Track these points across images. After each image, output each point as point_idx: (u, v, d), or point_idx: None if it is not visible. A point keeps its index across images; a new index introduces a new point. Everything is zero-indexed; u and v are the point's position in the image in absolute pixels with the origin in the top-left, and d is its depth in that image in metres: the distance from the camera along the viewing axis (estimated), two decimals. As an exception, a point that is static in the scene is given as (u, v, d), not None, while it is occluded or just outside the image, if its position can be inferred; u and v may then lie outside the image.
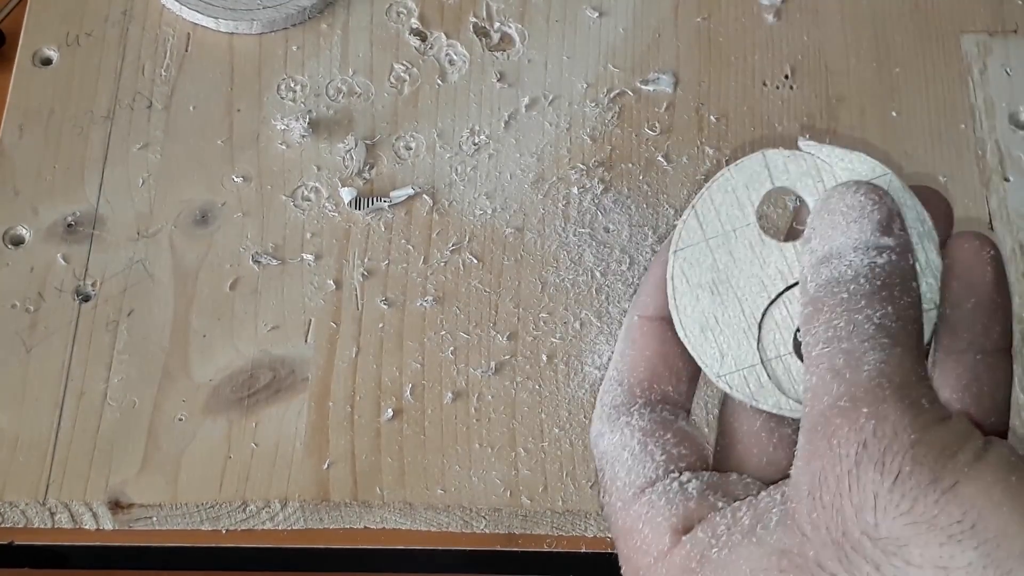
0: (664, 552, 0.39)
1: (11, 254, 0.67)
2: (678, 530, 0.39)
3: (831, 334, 0.38)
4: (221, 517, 0.61)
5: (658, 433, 0.41)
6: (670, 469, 0.40)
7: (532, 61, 0.73)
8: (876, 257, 0.39)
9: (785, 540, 0.37)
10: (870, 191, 0.40)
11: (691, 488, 0.40)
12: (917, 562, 0.34)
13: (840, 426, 0.36)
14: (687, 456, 0.41)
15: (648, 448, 0.41)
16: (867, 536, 0.35)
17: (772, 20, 0.75)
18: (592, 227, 0.67)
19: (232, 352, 0.64)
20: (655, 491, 0.40)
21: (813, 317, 0.38)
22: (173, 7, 0.74)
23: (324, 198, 0.68)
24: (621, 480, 0.41)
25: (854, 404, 0.36)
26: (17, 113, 0.71)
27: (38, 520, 0.61)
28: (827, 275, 0.39)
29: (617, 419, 0.42)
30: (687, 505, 0.39)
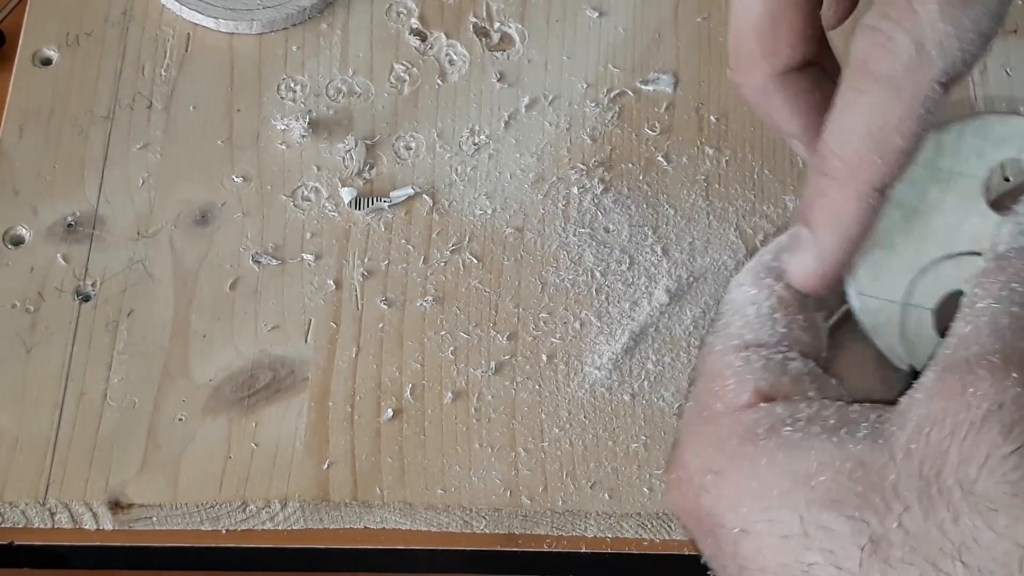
0: (738, 407, 0.39)
1: (11, 254, 0.67)
2: (761, 394, 0.39)
3: (1004, 294, 0.37)
4: (221, 517, 0.61)
5: (792, 308, 0.41)
6: (783, 343, 0.40)
7: (532, 61, 0.73)
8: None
9: (868, 454, 0.36)
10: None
11: (792, 367, 0.39)
12: (1000, 530, 0.34)
13: (983, 378, 0.35)
14: (804, 341, 0.40)
15: (775, 316, 0.41)
16: (960, 486, 0.34)
17: (772, 20, 0.75)
18: (592, 227, 0.67)
19: (232, 352, 0.64)
20: (758, 352, 0.40)
21: (992, 273, 0.38)
22: (173, 7, 0.74)
23: (324, 198, 0.68)
24: (734, 328, 0.41)
25: (1006, 364, 0.36)
26: (17, 113, 0.71)
27: (38, 520, 0.61)
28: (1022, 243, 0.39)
29: (764, 278, 0.41)
30: (781, 379, 0.39)
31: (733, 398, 0.39)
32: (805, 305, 0.41)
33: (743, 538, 0.37)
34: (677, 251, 0.67)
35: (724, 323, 0.41)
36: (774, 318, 0.40)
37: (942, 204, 0.40)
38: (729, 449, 0.38)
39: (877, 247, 0.40)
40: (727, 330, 0.41)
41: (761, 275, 0.41)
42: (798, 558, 0.36)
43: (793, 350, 0.40)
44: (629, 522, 0.61)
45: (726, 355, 0.40)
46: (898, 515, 0.35)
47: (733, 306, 0.41)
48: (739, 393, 0.39)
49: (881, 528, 0.35)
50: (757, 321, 0.40)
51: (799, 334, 0.41)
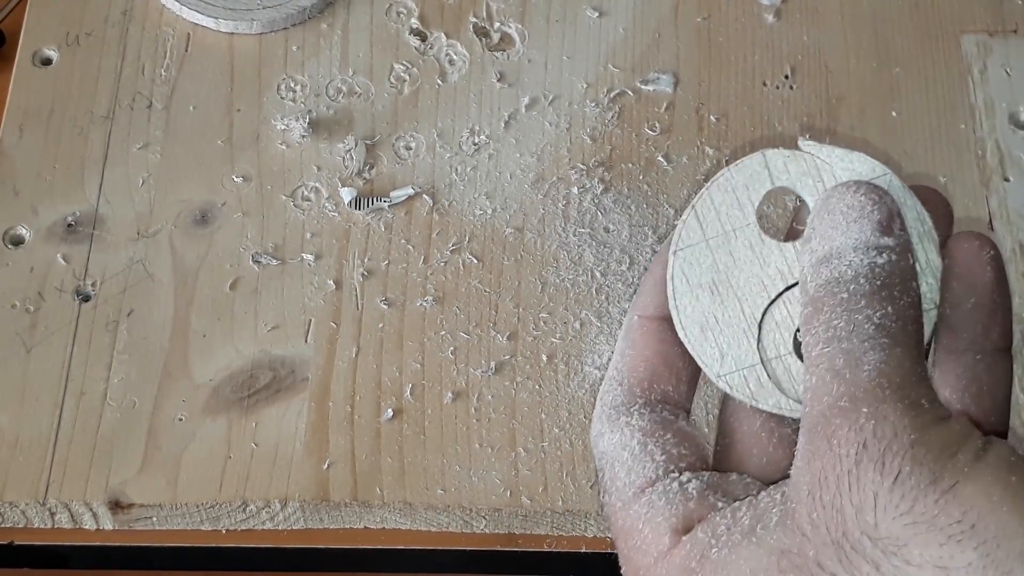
0: (664, 552, 0.39)
1: (11, 254, 0.67)
2: (678, 530, 0.39)
3: (831, 334, 0.38)
4: (221, 517, 0.61)
5: (658, 433, 0.41)
6: (670, 469, 0.40)
7: (532, 61, 0.73)
8: (876, 257, 0.39)
9: (785, 540, 0.36)
10: (870, 191, 0.40)
11: (691, 488, 0.40)
12: (917, 562, 0.34)
13: (840, 426, 0.36)
14: (687, 456, 0.41)
15: (648, 448, 0.41)
16: (867, 536, 0.35)
17: (772, 20, 0.75)
18: (592, 227, 0.67)
19: (232, 352, 0.64)
20: (655, 491, 0.40)
21: (813, 317, 0.38)
22: (173, 7, 0.74)
23: (324, 198, 0.68)
24: (621, 480, 0.41)
25: (854, 404, 0.36)
26: (17, 113, 0.71)
27: (38, 520, 0.61)
28: (827, 275, 0.39)
29: (617, 419, 0.42)
30: (687, 505, 0.39)
31: (656, 546, 0.39)
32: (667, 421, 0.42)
33: None
34: (677, 251, 0.67)
35: (609, 478, 0.41)
36: (649, 451, 0.41)
37: (736, 264, 0.41)
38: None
39: (707, 331, 0.41)
40: (616, 484, 0.41)
41: (613, 417, 0.42)
42: None
43: (681, 471, 0.40)
44: (629, 522, 0.61)
45: (629, 508, 0.40)
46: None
47: (607, 458, 0.41)
48: (658, 539, 0.39)
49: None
50: (636, 462, 0.41)
51: (678, 452, 0.41)
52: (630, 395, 0.42)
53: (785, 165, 0.41)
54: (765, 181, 0.41)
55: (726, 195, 0.41)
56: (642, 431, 0.41)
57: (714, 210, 0.41)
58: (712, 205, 0.41)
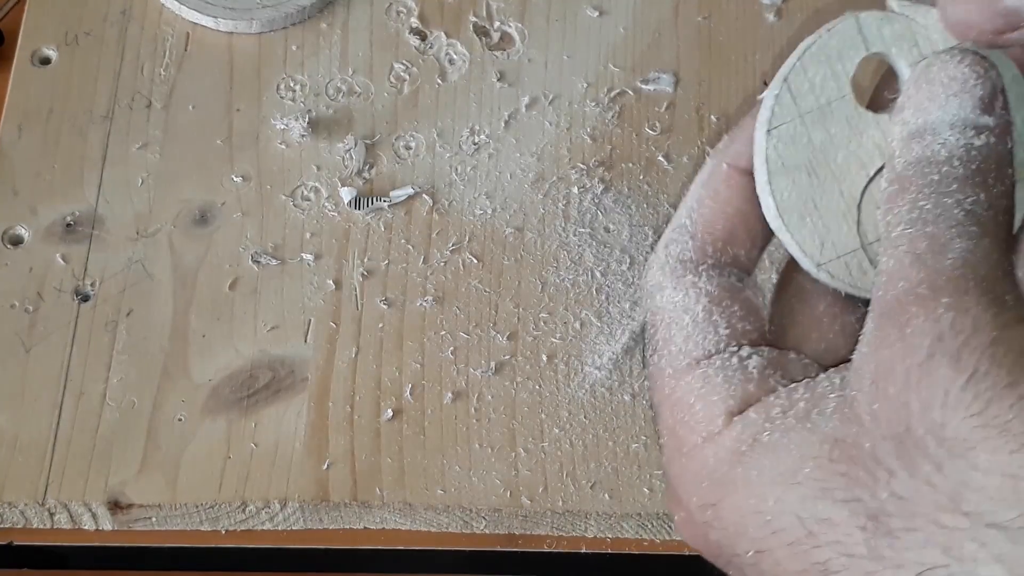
0: (714, 434, 0.36)
1: (10, 254, 0.66)
2: (732, 411, 0.36)
3: (915, 215, 0.35)
4: (221, 517, 0.61)
5: (725, 302, 0.38)
6: (731, 343, 0.37)
7: (532, 61, 0.73)
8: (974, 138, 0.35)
9: (840, 429, 0.34)
10: (976, 62, 0.36)
11: (751, 365, 0.37)
12: (983, 467, 0.31)
13: (916, 315, 0.33)
14: (750, 332, 0.38)
15: (712, 317, 0.38)
16: (931, 435, 0.32)
17: (772, 20, 0.75)
18: (592, 227, 0.67)
19: (232, 352, 0.64)
20: (712, 365, 0.37)
21: (898, 196, 0.35)
22: (172, 6, 0.74)
23: (324, 198, 0.68)
24: (676, 346, 0.38)
25: (934, 293, 0.33)
26: (16, 113, 0.71)
27: (37, 520, 0.61)
28: (918, 152, 0.36)
29: (683, 276, 0.38)
30: (745, 386, 0.37)
31: (707, 426, 0.37)
32: (735, 289, 0.39)
33: (760, 559, 0.36)
34: (677, 251, 0.67)
35: (662, 338, 0.38)
36: (713, 321, 0.38)
37: (832, 141, 0.38)
38: (720, 477, 0.36)
39: (806, 217, 0.38)
40: (669, 347, 0.38)
41: (679, 273, 0.39)
42: (811, 560, 0.34)
43: (743, 347, 0.38)
44: (629, 522, 0.61)
45: (681, 378, 0.38)
46: (885, 483, 0.33)
47: (664, 317, 0.38)
48: (711, 419, 0.37)
49: (875, 502, 0.33)
50: (697, 329, 0.38)
51: (743, 326, 0.38)
52: (701, 252, 0.39)
53: (879, 29, 0.38)
54: (859, 47, 0.38)
55: (819, 65, 0.38)
56: (709, 297, 0.38)
57: (807, 82, 0.38)
58: (805, 77, 0.38)
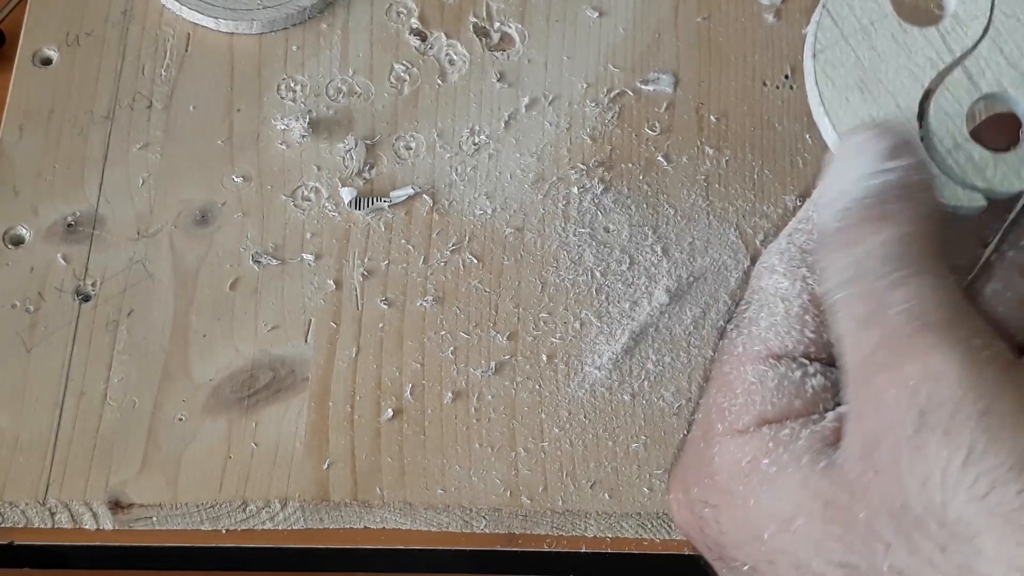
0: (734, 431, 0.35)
1: (11, 254, 0.67)
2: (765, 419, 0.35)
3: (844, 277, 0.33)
4: (221, 517, 0.61)
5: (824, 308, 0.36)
6: (808, 351, 0.36)
7: (532, 61, 0.73)
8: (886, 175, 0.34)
9: (831, 491, 0.32)
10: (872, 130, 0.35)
11: (810, 384, 0.35)
12: (989, 555, 0.29)
13: (886, 387, 0.31)
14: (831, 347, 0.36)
15: (805, 316, 0.36)
16: (931, 515, 0.30)
17: (772, 20, 0.75)
18: (592, 227, 0.67)
19: (232, 352, 0.64)
20: (776, 367, 0.35)
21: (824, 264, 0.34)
22: (173, 7, 0.74)
23: (324, 198, 0.68)
24: (758, 329, 0.36)
25: (895, 358, 0.31)
26: (17, 113, 0.71)
27: (38, 520, 0.61)
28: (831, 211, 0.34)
29: (798, 267, 0.37)
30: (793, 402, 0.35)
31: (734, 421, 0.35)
32: None
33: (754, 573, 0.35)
34: (677, 251, 0.67)
35: (750, 317, 0.37)
36: (804, 320, 0.36)
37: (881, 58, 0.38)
38: (721, 483, 0.35)
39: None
40: (751, 328, 0.36)
41: (796, 262, 0.37)
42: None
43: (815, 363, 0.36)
44: (629, 522, 0.61)
45: (744, 364, 0.36)
46: (883, 555, 0.31)
47: (762, 296, 0.37)
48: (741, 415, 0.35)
49: (873, 571, 0.32)
50: (785, 323, 0.36)
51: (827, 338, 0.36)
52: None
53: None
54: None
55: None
56: (811, 296, 0.36)
57: (847, 5, 0.38)
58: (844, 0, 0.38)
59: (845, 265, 0.33)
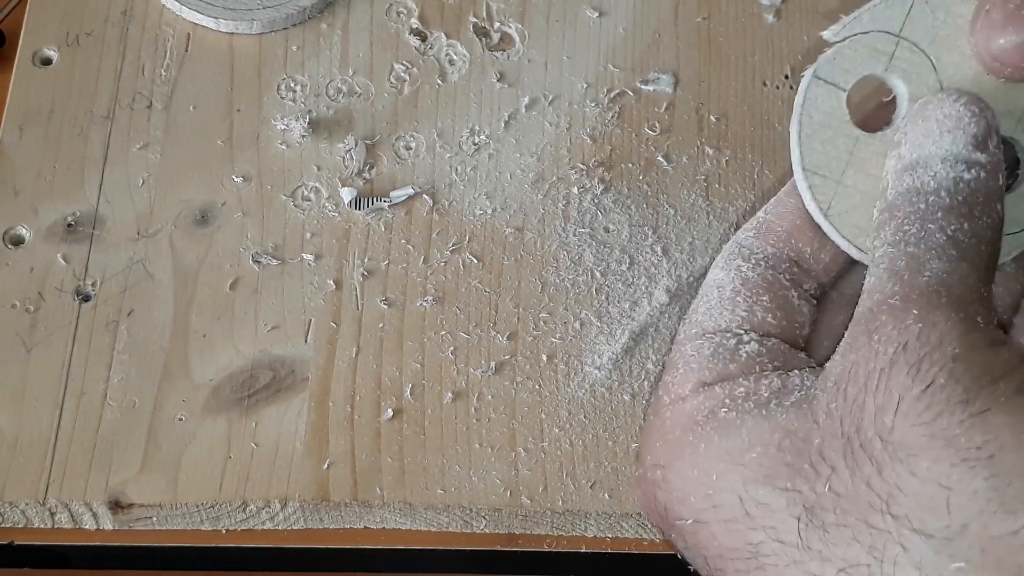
0: (680, 397, 0.38)
1: (11, 254, 0.67)
2: (705, 383, 0.38)
3: (899, 237, 0.36)
4: (221, 517, 0.61)
5: (757, 290, 0.40)
6: (743, 326, 0.39)
7: (532, 61, 0.73)
8: (964, 172, 0.37)
9: (794, 422, 0.35)
10: (972, 101, 0.37)
11: (743, 350, 0.38)
12: (922, 475, 0.32)
13: (885, 323, 0.34)
14: (770, 324, 0.39)
15: (736, 299, 0.39)
16: (879, 437, 0.33)
17: (772, 20, 0.75)
18: (592, 227, 0.67)
19: (232, 352, 0.64)
20: (711, 339, 0.39)
21: (886, 223, 0.37)
22: (173, 7, 0.74)
23: (324, 198, 0.68)
24: (697, 315, 0.40)
25: (905, 304, 0.34)
26: (17, 113, 0.71)
27: (38, 520, 0.61)
28: (908, 184, 0.37)
29: (733, 259, 0.40)
30: (728, 365, 0.38)
31: (678, 389, 0.38)
32: (774, 283, 0.40)
33: (697, 528, 0.37)
34: (677, 251, 0.67)
35: (692, 309, 0.40)
36: (735, 301, 0.40)
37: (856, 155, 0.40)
38: (672, 440, 0.37)
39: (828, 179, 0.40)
40: (692, 317, 0.40)
41: (733, 255, 0.40)
42: (745, 539, 0.35)
43: (752, 332, 0.39)
44: (629, 522, 0.61)
45: (684, 344, 0.39)
46: (826, 478, 0.34)
47: (703, 291, 0.41)
48: (683, 384, 0.38)
49: (813, 495, 0.34)
50: (719, 305, 0.40)
51: (761, 315, 0.39)
52: (761, 240, 0.40)
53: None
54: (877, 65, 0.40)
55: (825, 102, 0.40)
56: (742, 280, 0.40)
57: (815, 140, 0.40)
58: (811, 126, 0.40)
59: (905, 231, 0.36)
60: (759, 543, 0.35)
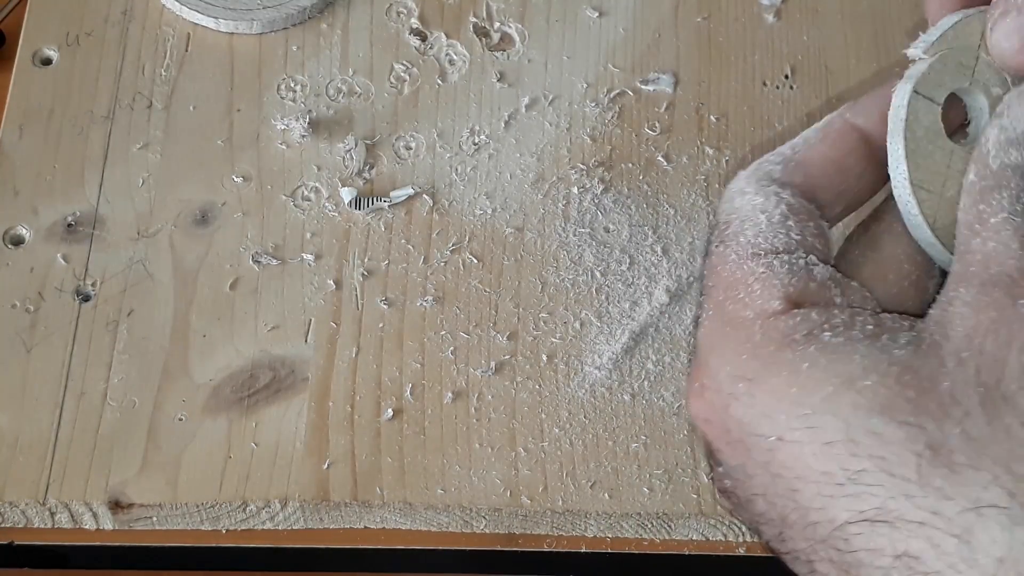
0: (769, 313, 0.38)
1: (11, 254, 0.67)
2: (791, 300, 0.38)
3: (1019, 208, 0.37)
4: (221, 517, 0.61)
5: (803, 216, 0.40)
6: (800, 249, 0.39)
7: (532, 61, 0.73)
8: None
9: (915, 360, 0.35)
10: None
11: (816, 272, 0.39)
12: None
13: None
14: (818, 250, 0.40)
15: (788, 223, 0.39)
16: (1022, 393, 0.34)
17: (772, 20, 0.75)
18: (592, 227, 0.67)
19: (232, 352, 0.64)
20: (780, 258, 0.39)
21: (993, 190, 0.38)
22: (173, 7, 0.74)
23: (324, 198, 0.68)
24: (746, 237, 0.39)
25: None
26: (17, 113, 0.71)
27: (38, 520, 0.61)
28: (1016, 158, 0.39)
29: (768, 186, 0.40)
30: (808, 284, 0.38)
31: (763, 304, 0.38)
32: (813, 214, 0.40)
33: (779, 446, 0.36)
34: (677, 251, 0.67)
35: (733, 232, 0.40)
36: (787, 225, 0.39)
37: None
38: (764, 355, 0.37)
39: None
40: (739, 239, 0.39)
41: (764, 183, 0.40)
42: (843, 465, 0.35)
43: (811, 256, 0.39)
44: (629, 522, 0.61)
45: (744, 263, 0.39)
46: (958, 420, 0.34)
47: (740, 214, 0.40)
48: (768, 299, 0.38)
49: (940, 434, 0.34)
50: (770, 229, 0.39)
51: (813, 241, 0.40)
52: (791, 175, 0.41)
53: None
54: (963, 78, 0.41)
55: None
56: (788, 206, 0.40)
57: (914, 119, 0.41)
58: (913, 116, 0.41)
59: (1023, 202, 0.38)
60: (860, 470, 0.35)
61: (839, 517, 0.35)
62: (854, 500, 0.35)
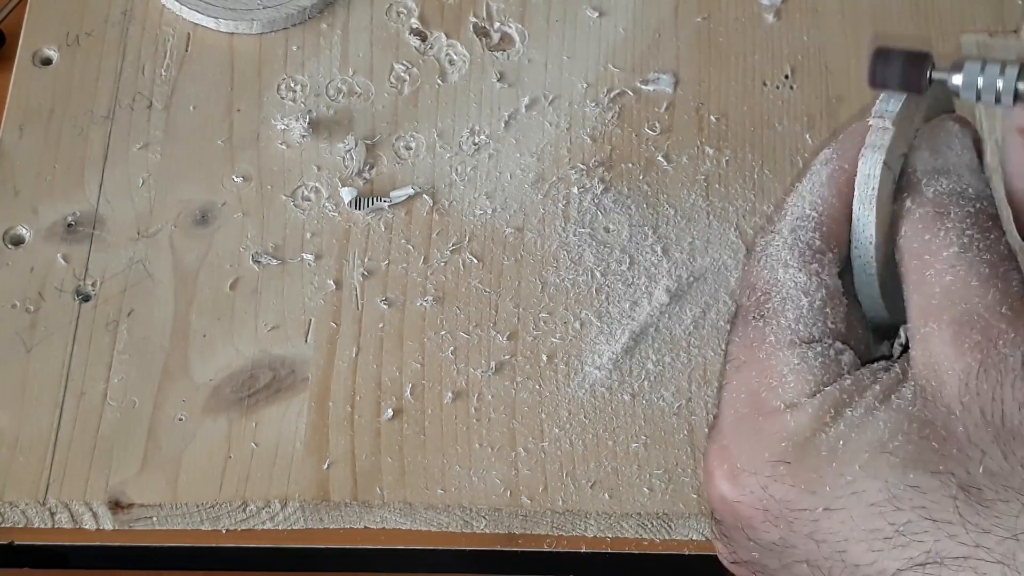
0: (796, 404, 0.40)
1: (11, 254, 0.67)
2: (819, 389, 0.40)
3: (965, 241, 0.40)
4: (221, 517, 0.61)
5: (837, 299, 0.42)
6: (829, 337, 0.41)
7: (532, 61, 0.73)
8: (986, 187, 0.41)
9: (927, 412, 0.38)
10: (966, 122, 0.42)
11: (844, 361, 0.41)
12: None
13: (1005, 331, 0.38)
14: (846, 335, 0.42)
15: (826, 310, 0.41)
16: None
17: (772, 20, 0.75)
18: (592, 227, 0.67)
19: (232, 352, 0.64)
20: (813, 349, 0.41)
21: (937, 219, 0.40)
22: (173, 7, 0.74)
23: (324, 198, 0.68)
24: (787, 320, 0.41)
25: (1017, 315, 0.38)
26: (17, 113, 0.71)
27: (38, 520, 0.61)
28: (948, 186, 0.41)
29: (810, 262, 0.42)
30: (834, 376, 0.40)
31: (792, 396, 0.40)
32: (839, 291, 0.42)
33: (825, 515, 0.39)
34: (677, 251, 0.67)
35: (773, 309, 0.42)
36: (825, 312, 0.41)
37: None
38: (800, 440, 0.39)
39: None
40: (779, 319, 0.41)
41: (807, 258, 0.42)
42: (889, 520, 0.37)
43: (837, 342, 0.41)
44: (629, 522, 0.61)
45: (781, 350, 0.41)
46: (979, 460, 0.37)
47: (782, 291, 0.42)
48: (799, 391, 0.40)
49: (967, 476, 0.37)
50: (810, 315, 0.41)
51: (845, 326, 0.42)
52: (826, 241, 0.42)
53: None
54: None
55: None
56: (827, 289, 0.42)
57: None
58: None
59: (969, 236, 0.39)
60: (906, 523, 0.37)
61: (890, 567, 0.38)
62: (903, 550, 0.37)
